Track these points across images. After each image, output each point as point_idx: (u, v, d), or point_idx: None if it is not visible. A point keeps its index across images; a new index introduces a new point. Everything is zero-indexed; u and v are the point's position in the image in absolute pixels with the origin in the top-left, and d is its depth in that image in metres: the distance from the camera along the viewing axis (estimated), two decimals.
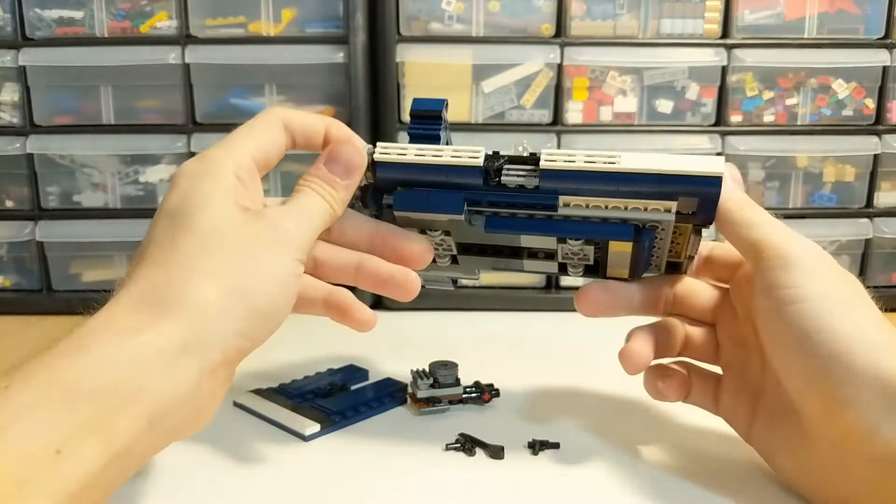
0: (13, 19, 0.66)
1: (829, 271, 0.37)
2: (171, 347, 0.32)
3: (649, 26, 0.67)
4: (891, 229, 0.70)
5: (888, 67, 0.67)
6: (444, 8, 0.66)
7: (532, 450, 0.44)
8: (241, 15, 0.67)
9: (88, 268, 0.70)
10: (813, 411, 0.36)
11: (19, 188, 0.69)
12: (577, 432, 0.46)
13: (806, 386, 0.36)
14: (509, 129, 0.68)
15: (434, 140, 0.42)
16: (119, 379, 0.31)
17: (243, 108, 0.68)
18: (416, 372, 0.50)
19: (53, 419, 0.29)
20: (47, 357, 0.31)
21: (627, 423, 0.48)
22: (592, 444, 0.45)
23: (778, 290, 0.36)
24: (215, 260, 0.34)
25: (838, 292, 0.36)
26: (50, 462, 0.28)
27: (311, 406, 0.49)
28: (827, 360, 0.34)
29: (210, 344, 0.33)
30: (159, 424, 0.32)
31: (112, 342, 0.31)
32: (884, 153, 0.69)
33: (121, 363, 0.31)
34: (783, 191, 0.70)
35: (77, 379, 0.30)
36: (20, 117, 0.68)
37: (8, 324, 0.66)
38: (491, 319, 0.65)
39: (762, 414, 0.40)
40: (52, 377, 0.30)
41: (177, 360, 0.32)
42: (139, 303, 0.33)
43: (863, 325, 0.35)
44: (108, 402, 0.30)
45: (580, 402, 0.51)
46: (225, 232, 0.35)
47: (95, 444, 0.30)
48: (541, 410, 0.50)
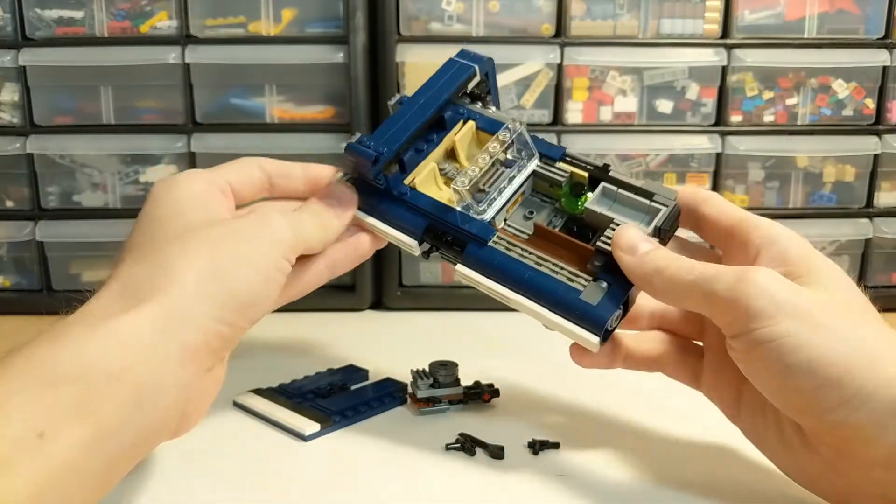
0: (13, 19, 0.66)
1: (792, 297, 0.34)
2: (151, 329, 0.33)
3: (649, 26, 0.67)
4: (891, 229, 0.70)
5: (888, 67, 0.67)
6: (444, 8, 0.66)
7: (532, 450, 0.44)
8: (241, 15, 0.67)
9: (88, 268, 0.70)
10: (809, 426, 0.35)
11: (19, 188, 0.69)
12: (577, 432, 0.46)
13: (797, 414, 0.35)
14: None
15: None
16: (100, 360, 0.31)
17: (243, 108, 0.68)
18: (416, 372, 0.50)
19: (34, 403, 0.29)
20: (25, 349, 0.31)
21: (627, 424, 0.48)
22: (592, 444, 0.45)
23: (742, 337, 0.34)
24: (196, 251, 0.35)
25: (810, 315, 0.33)
26: (32, 445, 0.28)
27: (311, 406, 0.49)
28: (815, 391, 0.32)
29: (188, 325, 0.34)
30: (146, 406, 0.32)
31: (92, 327, 0.32)
32: (884, 153, 0.69)
33: (100, 345, 0.31)
34: (783, 191, 0.70)
35: (55, 363, 0.30)
36: (20, 117, 0.68)
37: (8, 324, 0.66)
38: (491, 319, 0.65)
39: (749, 399, 0.39)
40: (30, 363, 0.30)
41: (156, 342, 0.32)
42: (119, 294, 0.34)
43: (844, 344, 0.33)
44: (90, 383, 0.30)
45: (580, 402, 0.51)
46: (204, 227, 0.37)
47: (79, 426, 0.30)
48: (541, 410, 0.50)
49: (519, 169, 0.44)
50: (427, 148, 0.46)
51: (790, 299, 0.33)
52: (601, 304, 0.39)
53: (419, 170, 0.45)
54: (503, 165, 0.44)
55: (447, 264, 0.46)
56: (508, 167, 0.44)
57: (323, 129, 0.68)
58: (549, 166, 0.44)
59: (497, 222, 0.43)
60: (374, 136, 0.43)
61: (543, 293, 0.40)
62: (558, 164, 0.44)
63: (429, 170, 0.45)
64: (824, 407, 0.32)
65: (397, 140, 0.43)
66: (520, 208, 0.44)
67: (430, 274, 0.70)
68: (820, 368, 0.32)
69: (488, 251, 0.42)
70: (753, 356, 0.34)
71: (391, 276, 0.69)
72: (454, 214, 0.43)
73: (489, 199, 0.43)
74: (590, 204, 0.42)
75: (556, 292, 0.40)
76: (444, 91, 0.46)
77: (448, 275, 0.70)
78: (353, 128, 0.66)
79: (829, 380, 0.32)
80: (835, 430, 0.33)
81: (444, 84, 0.46)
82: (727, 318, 0.35)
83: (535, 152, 0.45)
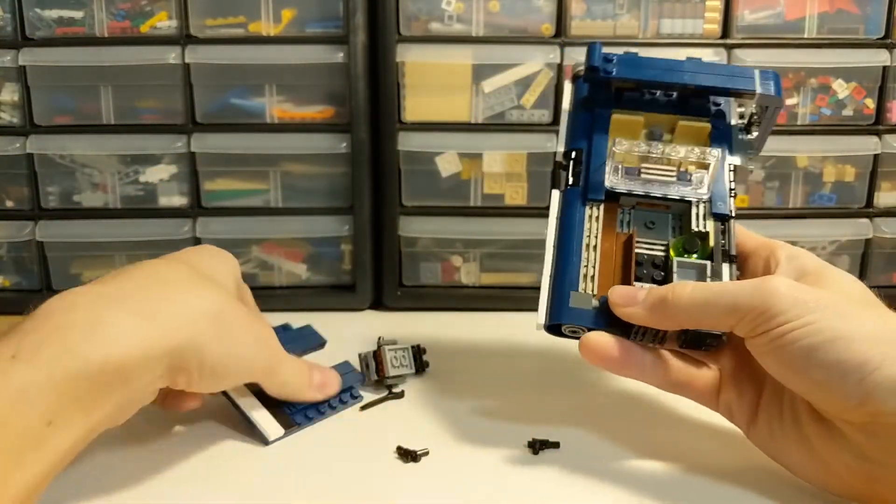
0: (13, 19, 0.66)
1: (812, 293, 0.36)
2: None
3: (649, 26, 0.67)
4: (891, 229, 0.70)
5: (888, 67, 0.67)
6: (444, 8, 0.66)
7: (532, 450, 0.44)
8: (241, 15, 0.67)
9: (88, 268, 0.70)
10: (834, 409, 0.36)
11: (19, 188, 0.69)
12: (577, 432, 0.46)
13: (824, 396, 0.36)
14: (509, 129, 0.67)
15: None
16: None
17: (243, 107, 0.68)
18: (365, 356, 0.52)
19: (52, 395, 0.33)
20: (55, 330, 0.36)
21: (628, 423, 0.48)
22: (592, 444, 0.45)
23: (767, 337, 0.36)
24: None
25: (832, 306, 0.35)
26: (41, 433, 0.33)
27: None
28: (840, 366, 0.34)
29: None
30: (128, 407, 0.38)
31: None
32: (884, 153, 0.69)
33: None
34: (783, 191, 0.70)
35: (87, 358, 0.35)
36: (20, 117, 0.68)
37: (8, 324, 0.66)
38: (491, 319, 0.65)
39: (767, 405, 0.40)
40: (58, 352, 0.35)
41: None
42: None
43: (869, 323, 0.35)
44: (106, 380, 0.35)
45: (580, 402, 0.51)
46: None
47: (82, 418, 0.35)
48: (541, 410, 0.50)
49: (681, 187, 0.44)
50: (653, 103, 0.46)
51: (811, 294, 0.36)
52: (574, 311, 0.40)
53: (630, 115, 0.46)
54: (678, 173, 0.44)
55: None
56: (680, 179, 0.44)
57: (323, 129, 0.68)
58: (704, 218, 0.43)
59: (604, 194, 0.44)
60: (622, 58, 0.45)
61: (561, 266, 0.42)
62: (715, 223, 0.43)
63: (636, 120, 0.46)
64: (853, 381, 0.33)
65: (632, 74, 0.45)
66: (649, 213, 0.44)
67: (430, 274, 0.70)
68: (845, 345, 0.34)
69: (576, 202, 0.43)
70: (779, 344, 0.35)
71: (391, 276, 0.69)
72: (599, 157, 0.44)
73: (630, 177, 0.44)
74: (679, 260, 0.41)
75: (565, 274, 0.41)
76: (712, 79, 0.45)
77: (448, 275, 0.70)
78: (353, 128, 0.66)
79: (854, 354, 0.34)
80: (862, 407, 0.34)
81: (719, 76, 0.45)
82: (752, 322, 0.36)
83: (708, 193, 0.43)
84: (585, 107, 0.47)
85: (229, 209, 0.69)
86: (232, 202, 0.70)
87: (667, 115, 0.46)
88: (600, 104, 0.46)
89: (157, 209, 0.69)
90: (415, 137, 0.67)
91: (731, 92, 0.45)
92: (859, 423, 0.35)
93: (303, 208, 0.69)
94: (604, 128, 0.46)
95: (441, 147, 0.67)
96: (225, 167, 0.69)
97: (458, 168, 0.68)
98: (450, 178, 0.68)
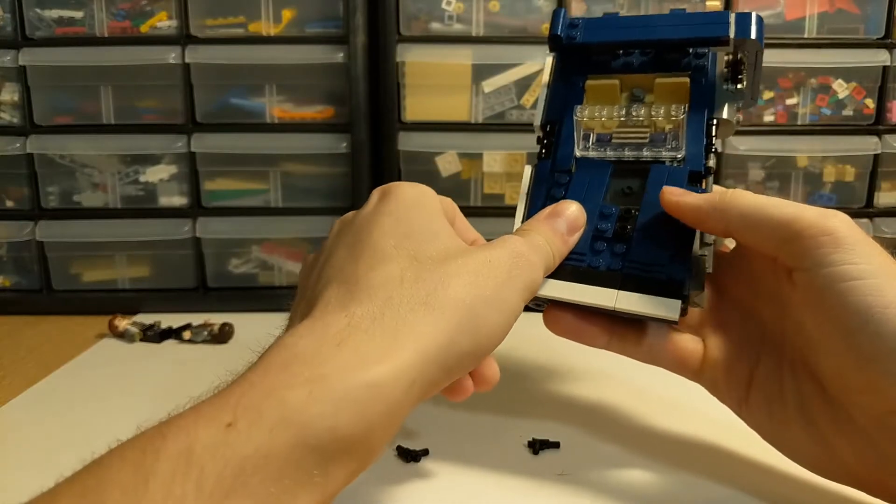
0: (13, 19, 0.66)
1: (871, 244, 0.34)
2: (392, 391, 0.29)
3: None
4: (891, 229, 0.70)
5: (888, 67, 0.67)
6: (444, 8, 0.66)
7: (532, 450, 0.44)
8: (241, 15, 0.67)
9: (88, 268, 0.70)
10: (857, 388, 0.33)
11: (19, 188, 0.69)
12: (577, 432, 0.46)
13: (857, 365, 0.33)
14: (509, 129, 0.68)
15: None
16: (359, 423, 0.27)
17: (243, 107, 0.68)
18: None
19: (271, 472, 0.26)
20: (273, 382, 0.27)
21: (628, 423, 0.48)
22: (592, 444, 0.45)
23: (827, 269, 0.33)
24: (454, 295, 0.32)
25: (886, 265, 0.33)
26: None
27: None
28: (890, 337, 0.31)
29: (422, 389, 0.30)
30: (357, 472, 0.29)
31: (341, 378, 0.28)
32: (884, 153, 0.69)
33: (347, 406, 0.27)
34: (783, 191, 0.70)
35: (311, 420, 0.26)
36: (20, 117, 0.68)
37: (8, 324, 0.66)
38: None
39: (763, 384, 0.38)
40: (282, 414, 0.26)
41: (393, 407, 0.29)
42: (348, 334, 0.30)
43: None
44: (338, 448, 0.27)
45: (580, 402, 0.51)
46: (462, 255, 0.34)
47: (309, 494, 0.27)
48: (541, 410, 0.50)
49: (654, 148, 0.42)
50: (629, 65, 0.44)
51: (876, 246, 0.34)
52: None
53: (605, 79, 0.43)
54: (652, 134, 0.41)
55: None
56: (653, 141, 0.41)
57: (323, 129, 0.68)
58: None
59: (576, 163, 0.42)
60: (589, 21, 0.43)
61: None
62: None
63: (611, 84, 0.43)
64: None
65: (599, 37, 0.43)
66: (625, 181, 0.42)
67: None
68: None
69: (545, 171, 0.43)
70: (832, 294, 0.33)
71: None
72: (567, 127, 0.43)
73: (601, 144, 0.42)
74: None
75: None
76: (681, 31, 0.42)
77: None
78: (353, 128, 0.66)
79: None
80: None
81: (688, 26, 0.42)
82: (808, 246, 0.34)
83: (682, 152, 0.41)
84: (563, 78, 0.45)
85: (229, 209, 0.69)
86: (232, 202, 0.70)
87: (644, 75, 0.43)
88: (574, 72, 0.44)
89: (157, 209, 0.69)
90: (415, 137, 0.67)
91: (704, 41, 0.42)
92: (877, 412, 0.33)
93: (303, 208, 0.69)
94: (578, 96, 0.44)
95: (441, 147, 0.67)
96: (225, 167, 0.69)
97: (457, 168, 0.68)
98: (450, 178, 0.68)
